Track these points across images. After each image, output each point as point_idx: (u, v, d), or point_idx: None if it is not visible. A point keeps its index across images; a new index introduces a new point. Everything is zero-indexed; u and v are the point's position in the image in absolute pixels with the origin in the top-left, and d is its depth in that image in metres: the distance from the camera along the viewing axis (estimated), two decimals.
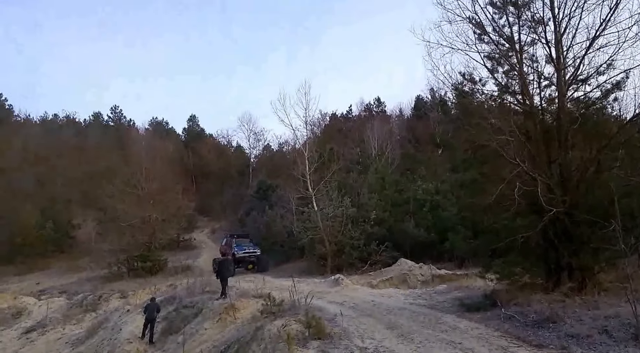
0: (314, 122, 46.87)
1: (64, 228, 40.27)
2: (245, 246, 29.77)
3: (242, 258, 28.67)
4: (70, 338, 17.74)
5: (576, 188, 9.53)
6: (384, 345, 7.85)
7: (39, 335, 18.83)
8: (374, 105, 65.96)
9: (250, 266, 28.65)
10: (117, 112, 70.85)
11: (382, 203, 30.05)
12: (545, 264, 10.15)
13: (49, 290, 30.48)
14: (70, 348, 16.57)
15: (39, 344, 17.96)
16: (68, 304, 23.14)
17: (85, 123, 69.01)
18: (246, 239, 32.00)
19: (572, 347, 6.82)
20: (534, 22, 10.24)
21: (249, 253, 29.12)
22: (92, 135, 58.59)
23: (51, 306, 22.00)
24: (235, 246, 29.43)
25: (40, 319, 20.46)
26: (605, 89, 9.58)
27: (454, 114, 13.26)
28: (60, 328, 19.40)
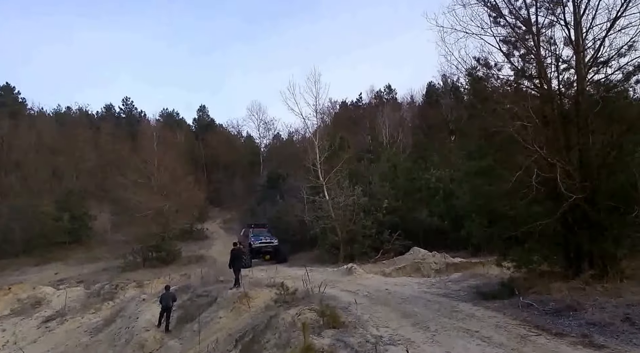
0: (324, 110, 46.60)
1: (81, 220, 41.10)
2: (262, 236, 28.63)
3: (259, 249, 27.62)
4: (89, 327, 17.95)
5: (597, 173, 9.27)
6: (400, 333, 7.78)
7: (58, 324, 19.04)
8: (385, 92, 65.11)
9: (268, 257, 27.55)
10: (128, 104, 71.31)
11: (394, 192, 29.88)
12: (565, 251, 9.92)
13: (67, 279, 31.14)
14: (89, 336, 16.76)
15: (59, 333, 18.16)
16: (86, 293, 23.42)
17: (98, 115, 69.59)
18: (264, 229, 30.78)
19: (594, 335, 6.65)
20: (552, 3, 9.87)
21: (265, 244, 27.97)
22: (104, 127, 59.13)
23: (70, 296, 22.20)
24: (252, 236, 28.41)
25: (59, 308, 20.65)
26: (627, 72, 9.21)
27: (468, 100, 12.99)
28: (79, 317, 19.56)
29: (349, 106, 64.69)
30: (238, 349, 9.88)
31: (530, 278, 10.09)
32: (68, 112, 67.47)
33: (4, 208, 38.83)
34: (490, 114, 10.18)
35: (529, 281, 9.96)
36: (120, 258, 34.17)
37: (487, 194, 10.98)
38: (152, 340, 13.93)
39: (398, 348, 6.75)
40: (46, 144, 50.91)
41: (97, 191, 46.37)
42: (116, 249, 36.16)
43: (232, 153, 61.95)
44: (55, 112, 66.20)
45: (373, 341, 7.34)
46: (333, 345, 7.35)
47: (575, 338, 6.65)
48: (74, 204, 40.95)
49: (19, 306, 22.01)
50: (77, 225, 40.37)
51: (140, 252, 34.17)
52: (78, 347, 15.90)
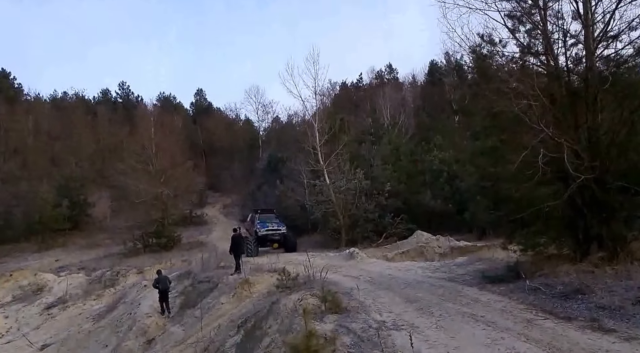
0: (324, 92, 45.72)
1: (80, 206, 41.05)
2: (268, 223, 25.98)
3: (265, 236, 25.05)
4: (91, 313, 18.07)
5: (606, 152, 8.93)
6: (403, 318, 7.65)
7: (60, 310, 19.20)
8: (386, 72, 64.23)
9: (276, 245, 25.03)
10: (124, 89, 70.87)
11: (396, 175, 29.63)
12: (573, 234, 9.65)
13: (67, 266, 31.10)
14: (92, 322, 16.88)
15: (61, 319, 18.34)
16: (87, 280, 23.53)
17: (95, 100, 68.97)
18: (271, 214, 28.00)
19: (604, 319, 6.45)
20: None
21: (272, 231, 25.35)
22: (101, 112, 58.74)
23: (71, 283, 22.32)
24: (258, 223, 25.82)
25: (60, 295, 20.78)
26: (638, 46, 8.81)
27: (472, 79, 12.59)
28: (81, 303, 19.74)
29: (349, 87, 63.84)
30: (240, 335, 9.82)
31: (537, 262, 9.86)
32: (65, 97, 66.79)
33: (5, 193, 38.78)
34: (494, 93, 9.81)
35: (535, 264, 9.74)
36: (120, 244, 34.17)
37: (493, 175, 10.73)
38: (154, 326, 14.00)
39: (401, 333, 6.62)
40: (44, 130, 50.79)
41: (95, 177, 46.21)
42: (116, 235, 36.14)
43: (231, 137, 61.57)
44: (52, 98, 65.64)
45: (376, 326, 7.21)
46: (335, 331, 7.20)
47: (584, 322, 6.47)
48: (73, 191, 40.81)
49: (20, 292, 22.06)
50: (76, 211, 40.28)
51: (140, 238, 34.11)
52: (81, 333, 16.00)
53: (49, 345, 15.80)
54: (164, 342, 12.94)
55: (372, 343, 6.39)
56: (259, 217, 26.67)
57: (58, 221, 38.09)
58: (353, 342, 6.63)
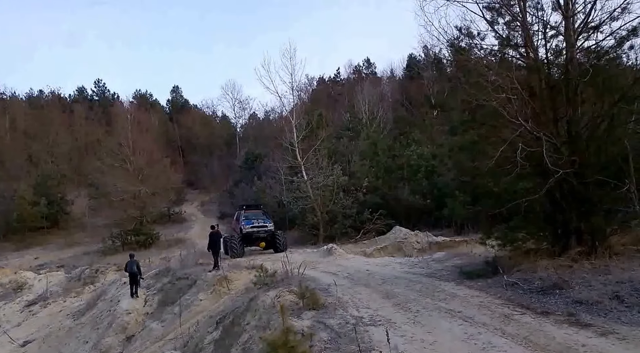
0: (301, 87, 45.80)
1: (58, 204, 41.18)
2: (254, 219, 22.82)
3: (250, 234, 21.96)
4: (72, 310, 18.08)
5: (586, 146, 8.88)
6: (380, 314, 7.59)
7: (41, 307, 19.30)
8: (364, 67, 64.30)
9: (263, 244, 22.07)
10: (100, 86, 70.44)
11: (374, 170, 29.65)
12: (552, 228, 9.63)
13: (47, 264, 31.36)
14: (72, 319, 16.83)
15: (42, 316, 18.43)
16: (67, 278, 23.50)
17: (71, 98, 68.28)
18: (257, 210, 24.84)
19: (581, 313, 6.46)
20: None
21: (258, 228, 22.23)
22: (78, 110, 58.39)
23: (51, 280, 22.52)
24: (243, 220, 22.61)
25: (41, 293, 20.87)
26: (620, 37, 8.74)
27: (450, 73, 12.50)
28: (61, 300, 19.82)
29: (326, 82, 64.00)
30: (219, 331, 9.80)
31: (515, 257, 9.81)
32: (41, 96, 66.41)
33: None
34: (473, 87, 9.69)
35: (514, 259, 9.69)
36: (99, 242, 34.31)
37: (471, 170, 10.64)
38: (133, 323, 14.07)
39: (378, 329, 6.58)
40: (20, 129, 51.00)
41: (73, 175, 46.63)
42: (95, 233, 36.27)
43: (208, 133, 61.57)
44: (28, 97, 65.26)
45: (353, 322, 7.17)
46: (313, 327, 7.14)
47: (561, 317, 6.46)
48: (51, 189, 40.95)
49: (1, 290, 22.42)
50: (54, 210, 40.49)
51: (119, 236, 34.24)
52: (61, 330, 16.08)
53: (30, 341, 15.95)
54: (144, 339, 12.96)
55: (349, 338, 6.35)
56: (244, 213, 23.67)
57: (36, 219, 38.59)
58: (330, 337, 6.58)
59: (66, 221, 41.92)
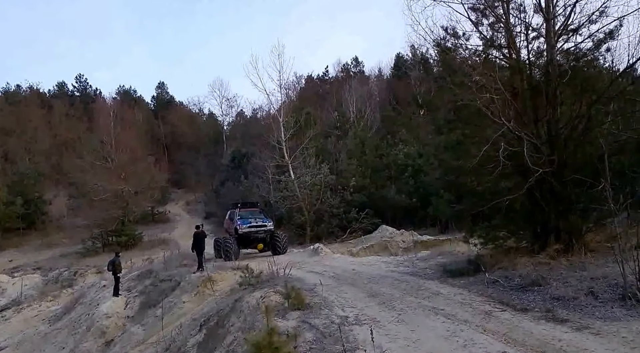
0: (289, 85, 45.54)
1: (35, 204, 39.68)
2: (251, 219, 20.79)
3: (247, 235, 19.94)
4: (47, 315, 17.63)
5: (564, 146, 9.09)
6: (365, 313, 7.64)
7: (15, 312, 18.71)
8: (352, 65, 64.55)
9: (261, 246, 20.28)
10: (82, 82, 68.97)
11: (361, 169, 29.80)
12: (531, 227, 9.86)
13: (22, 267, 30.47)
14: (48, 325, 16.45)
15: (15, 322, 17.86)
16: (43, 281, 23.13)
17: (50, 94, 66.52)
18: (254, 209, 22.85)
19: (557, 309, 6.66)
20: None
21: (256, 228, 20.22)
22: (58, 106, 56.59)
23: (26, 284, 21.94)
24: (239, 219, 20.43)
25: (14, 297, 20.38)
26: (598, 39, 8.99)
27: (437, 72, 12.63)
28: (36, 305, 19.28)
29: (315, 80, 63.88)
30: (202, 333, 9.64)
31: (496, 254, 10.01)
32: (18, 90, 63.95)
33: None
34: (458, 87, 9.84)
35: (495, 257, 9.88)
36: (78, 243, 33.41)
37: (456, 169, 10.79)
38: (113, 327, 13.75)
39: (363, 328, 6.64)
40: None
41: (52, 173, 44.88)
42: (74, 234, 35.21)
43: (194, 131, 60.61)
44: (5, 91, 62.73)
45: (338, 322, 7.18)
46: (298, 327, 7.11)
47: (539, 313, 6.64)
48: (27, 188, 39.40)
49: None
50: (31, 210, 39.02)
51: (99, 237, 33.53)
52: (36, 335, 15.68)
53: (2, 348, 15.51)
54: (124, 343, 12.65)
55: (334, 338, 6.36)
56: (240, 212, 21.42)
57: (11, 220, 37.20)
58: (315, 337, 6.58)
59: (43, 222, 40.55)
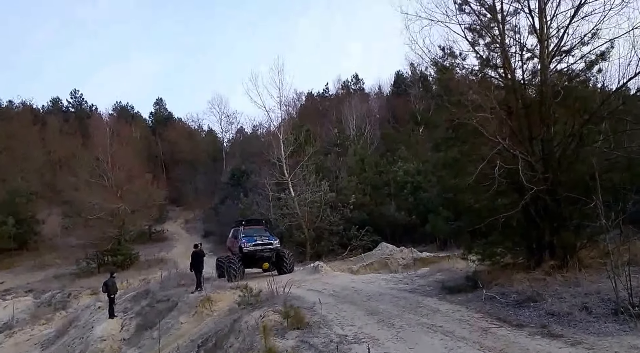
0: (289, 102, 45.91)
1: (27, 223, 38.57)
2: (257, 236, 19.88)
3: (253, 254, 19.01)
4: (40, 339, 17.31)
5: (558, 164, 9.29)
6: (364, 331, 7.67)
7: (6, 337, 18.31)
8: (352, 82, 64.88)
9: (266, 265, 19.27)
10: (77, 98, 67.75)
11: (361, 186, 29.94)
12: (527, 243, 10.00)
13: (14, 289, 29.60)
14: (40, 349, 16.23)
15: (7, 347, 17.47)
16: (35, 303, 22.76)
17: (44, 110, 65.54)
18: (259, 226, 21.93)
19: (552, 325, 6.77)
20: None
21: (262, 246, 19.32)
22: (52, 123, 55.55)
23: (17, 307, 21.56)
24: (243, 237, 19.64)
25: (6, 321, 20.03)
26: (590, 60, 9.26)
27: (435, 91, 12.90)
28: (29, 328, 18.92)
29: (315, 97, 64.20)
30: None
31: (493, 271, 10.12)
32: (10, 106, 62.46)
33: None
34: (455, 105, 10.07)
35: (492, 273, 9.98)
36: (72, 264, 32.66)
37: (454, 187, 10.95)
38: (108, 350, 13.56)
39: (362, 347, 6.64)
40: None
41: (45, 192, 43.75)
42: (68, 254, 34.47)
43: (193, 148, 60.03)
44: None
45: (337, 340, 7.23)
46: (297, 347, 7.21)
47: (535, 329, 6.75)
48: (20, 207, 38.16)
49: None
50: (23, 230, 37.83)
51: (95, 257, 32.76)
52: None
53: None
54: None
55: None
56: (244, 230, 20.61)
57: (3, 240, 35.98)
58: None
59: (36, 242, 39.36)
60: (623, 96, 8.73)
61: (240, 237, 19.87)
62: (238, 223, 21.72)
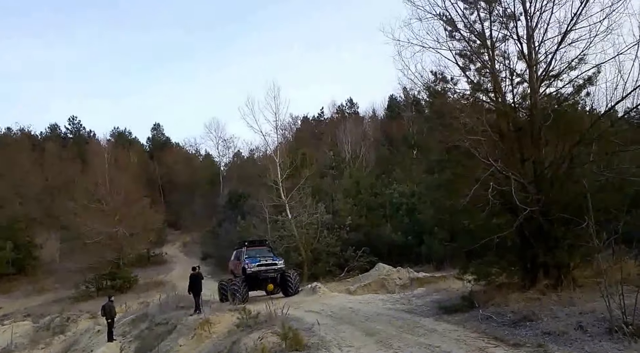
0: (285, 126, 46.54)
1: (25, 248, 38.69)
2: (260, 257, 19.18)
3: (257, 275, 18.27)
4: None
5: (550, 185, 9.50)
6: (362, 352, 7.73)
7: None
8: (346, 106, 65.95)
9: (271, 286, 18.63)
10: (75, 124, 68.28)
11: (357, 208, 30.15)
12: (522, 263, 10.13)
13: (12, 314, 29.55)
14: None
15: None
16: (34, 328, 22.48)
17: (42, 136, 65.77)
18: (262, 247, 21.19)
19: (549, 344, 6.81)
20: (506, 17, 10.17)
21: (266, 267, 18.60)
22: (50, 148, 55.76)
23: (16, 331, 21.37)
24: (246, 258, 18.93)
25: (4, 346, 19.86)
26: (577, 85, 9.61)
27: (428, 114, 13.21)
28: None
29: (310, 121, 65.16)
30: None
31: (489, 291, 10.21)
32: (8, 133, 63.11)
33: None
34: (447, 129, 10.35)
35: (488, 293, 10.07)
36: (70, 288, 32.69)
37: (448, 208, 11.12)
38: None
39: None
40: None
41: (43, 217, 43.74)
42: (66, 279, 34.53)
43: (191, 172, 60.66)
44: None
45: None
46: None
47: (531, 348, 6.79)
48: (18, 232, 38.40)
49: None
50: (21, 255, 37.98)
51: (93, 281, 32.82)
52: None
53: None
54: None
55: None
56: (247, 251, 19.82)
57: (1, 265, 36.24)
58: None
59: (34, 267, 39.39)
60: (611, 118, 9.02)
61: (243, 258, 19.14)
62: (240, 244, 20.99)
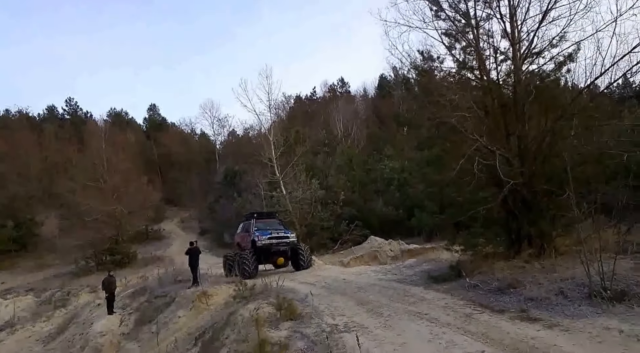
0: (278, 105, 46.66)
1: (27, 226, 39.49)
2: (271, 230, 18.19)
3: (268, 248, 17.45)
4: (41, 336, 17.51)
5: (533, 159, 9.79)
6: (354, 320, 8.01)
7: (8, 334, 18.48)
8: (338, 85, 66.38)
9: (281, 260, 17.84)
10: (72, 105, 68.67)
11: (350, 184, 30.56)
12: (507, 233, 10.50)
13: (15, 289, 30.24)
14: (42, 345, 16.42)
15: (9, 343, 17.65)
16: (36, 302, 22.91)
17: (40, 117, 66.43)
18: (272, 219, 20.13)
19: (531, 309, 7.15)
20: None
21: (277, 240, 17.66)
22: (48, 129, 56.45)
23: (18, 305, 21.72)
24: (256, 230, 17.94)
25: (7, 319, 20.15)
26: (559, 61, 9.80)
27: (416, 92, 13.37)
28: (30, 326, 19.07)
29: (303, 100, 65.27)
30: (198, 347, 9.87)
31: (476, 260, 10.58)
32: (7, 115, 63.82)
33: None
34: (435, 106, 10.55)
35: (474, 263, 10.44)
36: (71, 264, 33.32)
37: (438, 182, 11.45)
38: (108, 345, 13.71)
39: (352, 335, 6.91)
40: None
41: (43, 196, 44.68)
42: (66, 255, 35.12)
43: (187, 151, 61.19)
44: None
45: (328, 330, 7.50)
46: (289, 337, 7.49)
47: (514, 314, 7.11)
48: (18, 211, 39.35)
49: None
50: (22, 232, 38.83)
51: (93, 256, 33.41)
52: None
53: None
54: None
55: (324, 346, 6.69)
56: (256, 223, 18.70)
57: (3, 242, 36.87)
58: (306, 346, 6.94)
59: (35, 244, 40.17)
60: (591, 94, 9.26)
61: (252, 230, 18.17)
62: (249, 216, 19.83)
